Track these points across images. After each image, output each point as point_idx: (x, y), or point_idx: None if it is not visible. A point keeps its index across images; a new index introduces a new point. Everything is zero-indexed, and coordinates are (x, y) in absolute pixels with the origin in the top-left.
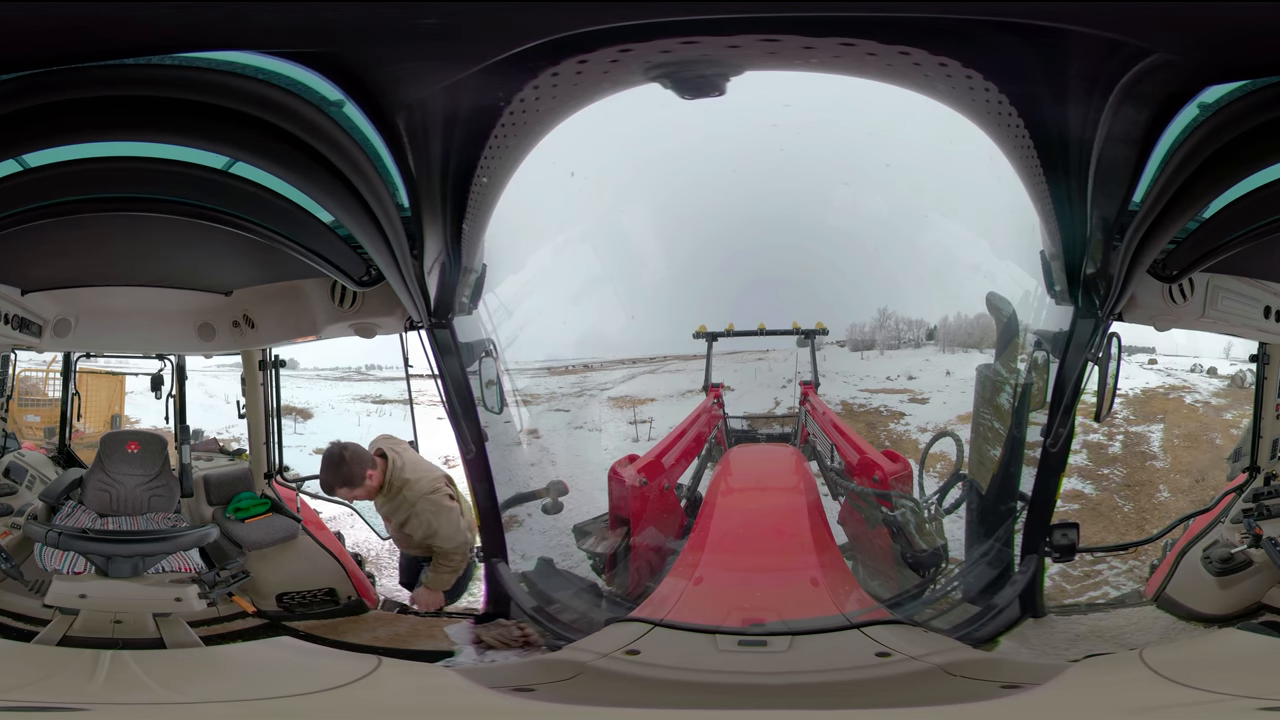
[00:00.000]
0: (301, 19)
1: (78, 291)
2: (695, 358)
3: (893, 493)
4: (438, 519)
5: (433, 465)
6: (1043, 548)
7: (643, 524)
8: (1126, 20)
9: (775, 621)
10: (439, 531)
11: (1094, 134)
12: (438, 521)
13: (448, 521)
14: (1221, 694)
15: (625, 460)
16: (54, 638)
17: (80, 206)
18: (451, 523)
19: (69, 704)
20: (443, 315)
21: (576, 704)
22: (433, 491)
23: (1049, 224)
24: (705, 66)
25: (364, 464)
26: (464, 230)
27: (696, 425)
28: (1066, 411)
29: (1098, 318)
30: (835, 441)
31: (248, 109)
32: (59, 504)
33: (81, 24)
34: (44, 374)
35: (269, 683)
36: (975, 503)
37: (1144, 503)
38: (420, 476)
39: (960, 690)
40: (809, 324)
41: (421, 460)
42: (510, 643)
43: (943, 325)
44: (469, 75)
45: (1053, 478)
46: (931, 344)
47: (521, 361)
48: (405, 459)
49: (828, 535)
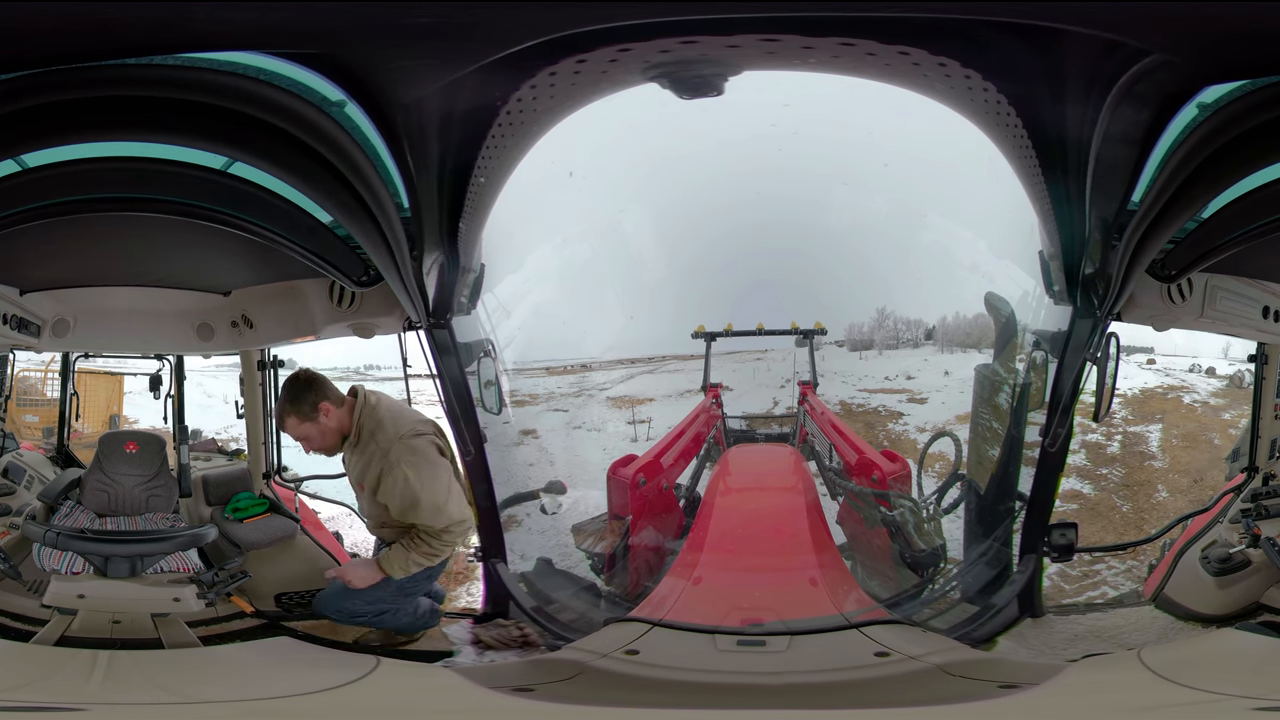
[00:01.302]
0: (299, 19)
1: (76, 291)
2: (694, 358)
3: (891, 493)
4: (419, 475)
5: (422, 414)
6: (1041, 547)
7: (641, 524)
8: (1126, 20)
9: (774, 621)
10: (420, 496)
11: (1092, 134)
12: (419, 479)
13: (433, 480)
14: (1220, 694)
15: (624, 460)
16: (52, 638)
17: (79, 206)
18: (439, 484)
19: (67, 704)
20: (441, 315)
21: (575, 704)
22: (414, 435)
23: (1047, 224)
24: (704, 66)
25: (322, 393)
26: (461, 230)
27: (695, 425)
28: (1065, 411)
29: (1096, 317)
30: (834, 441)
31: (247, 109)
32: (57, 504)
33: (79, 24)
34: (42, 374)
35: (267, 683)
36: (974, 502)
37: (1142, 502)
38: (399, 418)
39: (958, 690)
40: (807, 324)
41: (409, 409)
42: (509, 643)
43: (941, 325)
44: (467, 74)
45: (1051, 477)
46: (930, 344)
47: (520, 361)
48: (385, 403)
49: (826, 535)
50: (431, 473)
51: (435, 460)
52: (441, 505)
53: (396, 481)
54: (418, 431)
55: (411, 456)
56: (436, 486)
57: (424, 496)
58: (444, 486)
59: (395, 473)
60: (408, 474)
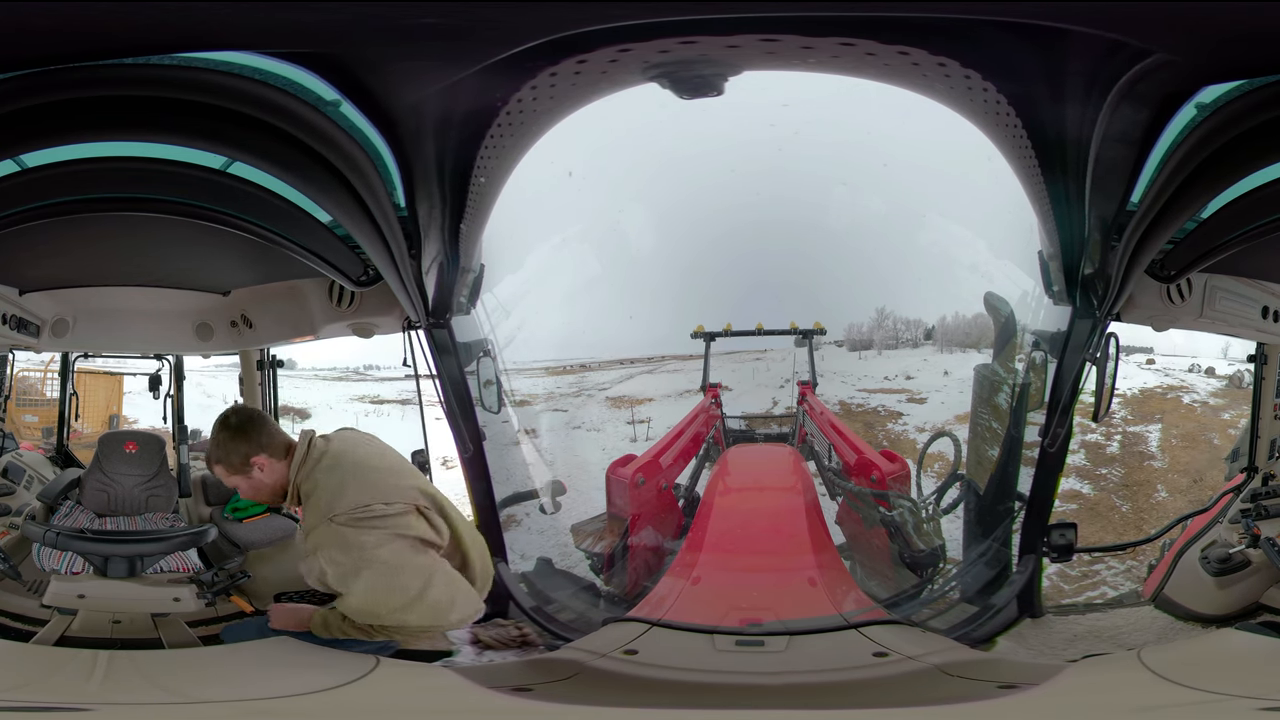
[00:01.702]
0: (297, 19)
1: (76, 291)
2: (693, 358)
3: (890, 493)
4: (341, 578)
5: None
6: (1040, 548)
7: (640, 524)
8: (1126, 20)
9: (773, 621)
10: (352, 604)
11: (1092, 134)
12: (342, 583)
13: (371, 585)
14: (1219, 694)
15: (623, 460)
16: (52, 638)
17: (78, 206)
18: (383, 587)
19: (67, 704)
20: (440, 315)
21: (575, 704)
22: (352, 522)
23: (1047, 224)
24: (704, 66)
25: (254, 441)
26: (462, 230)
27: (694, 425)
28: (1064, 411)
29: (1096, 317)
30: (833, 441)
31: (246, 109)
32: (57, 504)
33: (76, 24)
34: (42, 374)
35: (267, 683)
36: (973, 503)
37: (1142, 503)
38: (341, 488)
39: (957, 690)
40: (807, 324)
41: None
42: (508, 642)
43: (940, 325)
44: (467, 75)
45: (1050, 478)
46: (929, 344)
47: (520, 361)
48: (342, 459)
49: (825, 535)
50: (372, 577)
51: (380, 559)
52: (399, 609)
53: (314, 567)
54: (360, 517)
55: (338, 554)
56: (374, 592)
57: (356, 603)
58: (400, 588)
59: (312, 564)
60: (326, 570)
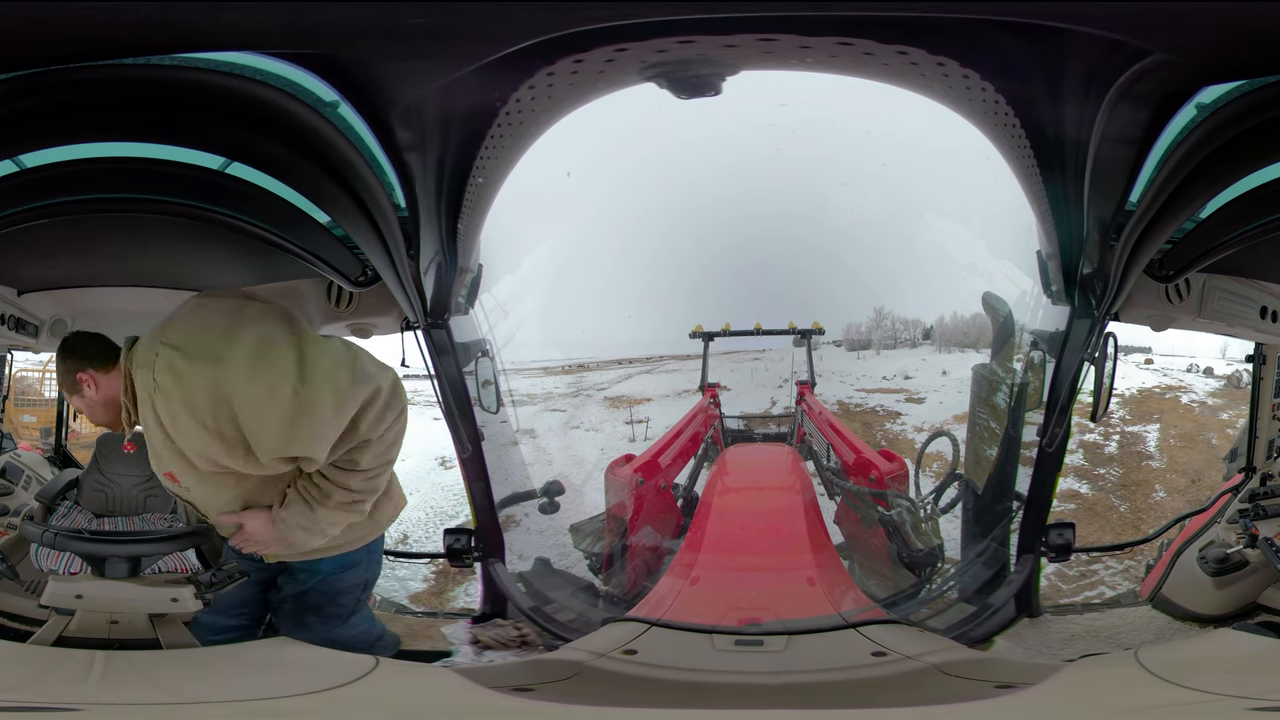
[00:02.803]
0: (293, 19)
1: (74, 292)
2: (691, 357)
3: (889, 492)
4: (185, 395)
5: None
6: (1038, 547)
7: (639, 523)
8: (1126, 20)
9: (771, 621)
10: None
11: (1091, 134)
12: (184, 405)
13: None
14: (1217, 694)
15: (622, 460)
16: (50, 638)
17: (76, 207)
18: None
19: (64, 704)
20: (439, 315)
21: (574, 703)
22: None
23: (1045, 224)
24: (701, 66)
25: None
26: (460, 230)
27: (693, 425)
28: (1063, 411)
29: (1094, 317)
30: (831, 441)
31: (245, 109)
32: (55, 504)
33: (73, 24)
34: (40, 374)
35: (265, 683)
36: (971, 502)
37: (1140, 502)
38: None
39: (955, 690)
40: (805, 323)
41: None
42: (507, 643)
43: (939, 325)
44: (464, 75)
45: (1049, 477)
46: (928, 344)
47: (518, 361)
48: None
49: (824, 535)
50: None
51: (238, 357)
52: (282, 432)
53: (152, 424)
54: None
55: (166, 376)
56: (261, 408)
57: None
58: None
59: (145, 412)
60: (157, 406)
